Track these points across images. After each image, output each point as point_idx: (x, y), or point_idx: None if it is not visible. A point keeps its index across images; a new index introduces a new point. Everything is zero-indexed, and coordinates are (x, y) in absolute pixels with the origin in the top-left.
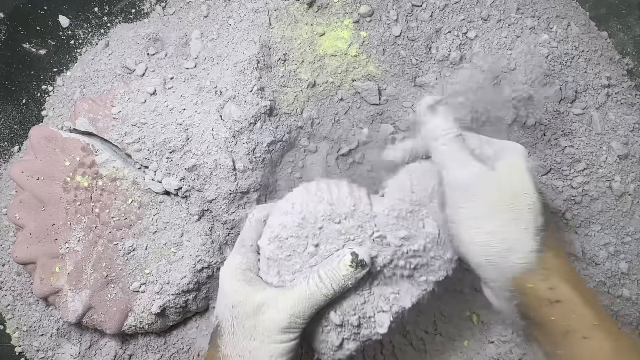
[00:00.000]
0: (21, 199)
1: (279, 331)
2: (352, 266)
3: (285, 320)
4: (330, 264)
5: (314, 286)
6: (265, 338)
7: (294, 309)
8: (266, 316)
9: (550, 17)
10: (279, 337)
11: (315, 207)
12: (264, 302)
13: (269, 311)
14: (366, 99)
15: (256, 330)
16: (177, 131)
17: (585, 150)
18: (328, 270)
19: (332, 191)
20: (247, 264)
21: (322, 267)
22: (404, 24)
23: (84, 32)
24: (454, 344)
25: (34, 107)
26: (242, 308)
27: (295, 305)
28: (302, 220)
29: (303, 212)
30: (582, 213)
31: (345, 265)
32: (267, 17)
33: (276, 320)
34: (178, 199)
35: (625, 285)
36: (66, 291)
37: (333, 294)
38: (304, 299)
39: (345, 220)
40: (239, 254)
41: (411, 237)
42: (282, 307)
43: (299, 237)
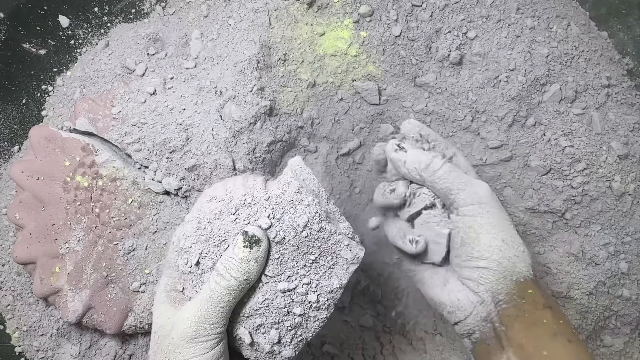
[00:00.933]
0: (21, 199)
1: (188, 343)
2: (245, 246)
3: (191, 329)
4: (225, 254)
5: (213, 283)
6: (178, 355)
7: (197, 314)
8: (174, 332)
9: (550, 17)
10: (191, 350)
11: (209, 206)
12: (175, 319)
13: (176, 325)
14: (366, 99)
15: (169, 349)
16: (177, 131)
17: (585, 150)
18: (224, 259)
19: (226, 186)
20: (172, 284)
21: (219, 261)
22: (404, 24)
23: (84, 32)
24: (454, 344)
25: (34, 107)
26: (162, 331)
27: (198, 310)
28: (199, 224)
29: (199, 216)
30: (582, 213)
31: (240, 248)
32: (267, 17)
33: (182, 332)
34: (178, 199)
35: (625, 285)
36: (66, 291)
37: (236, 284)
38: (204, 301)
39: (240, 210)
40: (165, 276)
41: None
42: (186, 317)
43: (200, 242)
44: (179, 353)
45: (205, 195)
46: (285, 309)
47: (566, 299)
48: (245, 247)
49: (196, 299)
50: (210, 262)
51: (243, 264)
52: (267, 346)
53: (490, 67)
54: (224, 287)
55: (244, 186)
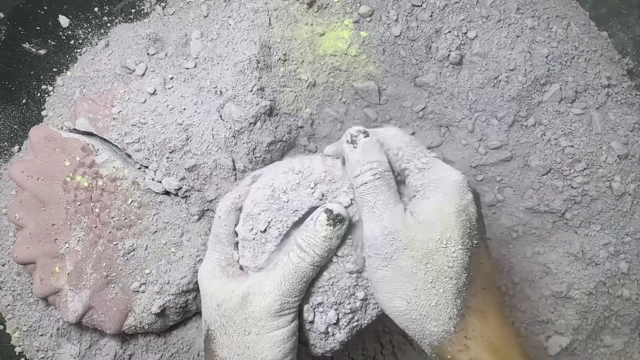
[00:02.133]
0: (21, 199)
1: (273, 316)
2: (329, 224)
3: (277, 303)
4: (306, 230)
5: (296, 258)
6: (260, 328)
7: (281, 288)
8: (254, 305)
9: (550, 17)
10: (275, 323)
11: (286, 177)
12: (249, 291)
13: (256, 299)
14: (366, 99)
15: (248, 323)
16: (177, 131)
17: (585, 150)
18: (306, 236)
19: (303, 162)
20: (226, 260)
21: (298, 235)
22: (404, 24)
23: (84, 32)
24: None
25: (34, 107)
26: (228, 304)
27: (282, 284)
28: (272, 192)
29: (273, 185)
30: (582, 213)
31: (323, 225)
32: (267, 17)
33: (266, 306)
34: (178, 199)
35: (625, 285)
36: (66, 291)
37: (320, 260)
38: (289, 275)
39: (318, 185)
40: (216, 251)
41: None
42: (269, 290)
43: (271, 210)
44: (262, 326)
45: (280, 166)
46: (348, 290)
47: (566, 299)
48: (328, 225)
49: (277, 273)
50: (276, 232)
51: (326, 242)
52: (322, 326)
53: (490, 67)
54: (308, 263)
55: (323, 164)
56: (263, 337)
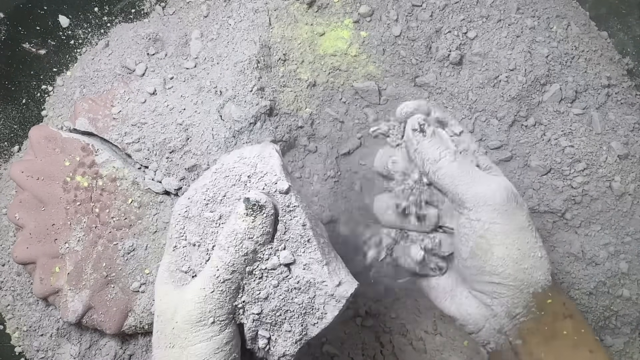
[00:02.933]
0: (21, 199)
1: (194, 327)
2: (248, 214)
3: (195, 311)
4: (226, 226)
5: (216, 258)
6: (183, 341)
7: (200, 294)
8: (179, 315)
9: (550, 17)
10: (197, 335)
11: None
12: (179, 299)
13: (180, 308)
14: (366, 99)
15: (173, 335)
16: (177, 131)
17: (585, 150)
18: (225, 232)
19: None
20: (176, 263)
21: (221, 233)
22: (404, 24)
23: (84, 32)
24: (454, 344)
25: (34, 107)
26: (164, 315)
27: (202, 290)
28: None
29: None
30: (582, 213)
31: (241, 216)
32: (267, 17)
33: (186, 316)
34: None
35: (625, 285)
36: (66, 291)
37: (242, 258)
38: (208, 279)
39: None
40: (167, 254)
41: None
42: (189, 297)
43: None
44: (184, 338)
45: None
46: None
47: None
48: (247, 214)
49: (199, 278)
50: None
51: (247, 234)
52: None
53: (490, 67)
54: (227, 263)
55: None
56: (185, 350)
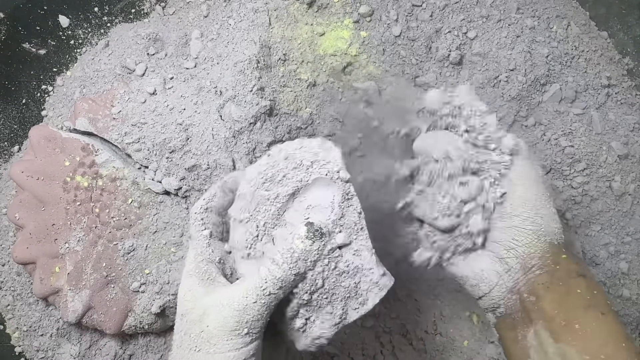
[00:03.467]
0: (21, 199)
1: (227, 335)
2: (308, 237)
3: (233, 319)
4: (284, 243)
5: (265, 270)
6: (211, 347)
7: (241, 303)
8: (210, 319)
9: (550, 17)
10: (228, 344)
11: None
12: (212, 303)
13: (213, 312)
14: (366, 99)
15: (201, 339)
16: (177, 131)
17: (585, 150)
18: (281, 248)
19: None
20: (204, 254)
21: (276, 248)
22: (404, 23)
23: (84, 32)
24: (454, 344)
25: (34, 107)
26: (190, 316)
27: (243, 298)
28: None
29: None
30: (582, 213)
31: (300, 238)
32: (267, 17)
33: (221, 321)
34: (178, 199)
35: (625, 285)
36: (66, 291)
37: (291, 277)
38: (253, 289)
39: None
40: (192, 248)
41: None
42: (227, 303)
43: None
44: (213, 344)
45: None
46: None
47: None
48: (307, 238)
49: (241, 286)
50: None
51: (302, 256)
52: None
53: (490, 67)
54: (277, 278)
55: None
56: (212, 357)
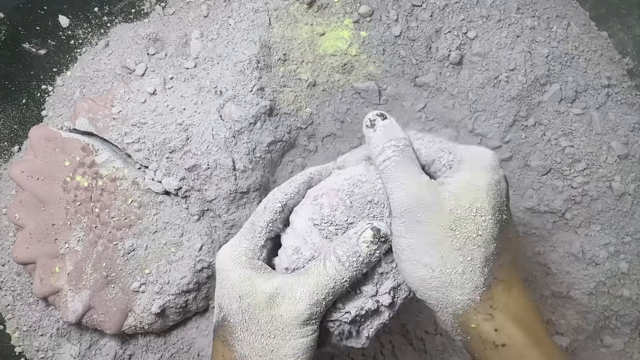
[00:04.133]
0: (21, 199)
1: (300, 324)
2: (374, 242)
3: (307, 312)
4: (348, 243)
5: (333, 269)
6: (287, 334)
7: (313, 298)
8: (283, 308)
9: (550, 17)
10: (301, 331)
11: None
12: (278, 292)
13: (285, 302)
14: (366, 99)
15: (274, 326)
16: (177, 131)
17: (585, 150)
18: (347, 249)
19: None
20: (253, 252)
21: (338, 247)
22: (404, 24)
23: (84, 32)
24: (454, 343)
25: (34, 107)
26: (252, 299)
27: (315, 293)
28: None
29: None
30: (582, 213)
31: (367, 242)
32: (267, 17)
33: (296, 312)
34: (178, 199)
35: (625, 285)
36: (66, 291)
37: (355, 276)
38: (323, 285)
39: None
40: (246, 239)
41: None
42: (301, 297)
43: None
44: (288, 332)
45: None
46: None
47: (566, 299)
48: (373, 243)
49: (310, 281)
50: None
51: (366, 258)
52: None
53: (490, 67)
54: (345, 277)
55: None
56: (287, 343)
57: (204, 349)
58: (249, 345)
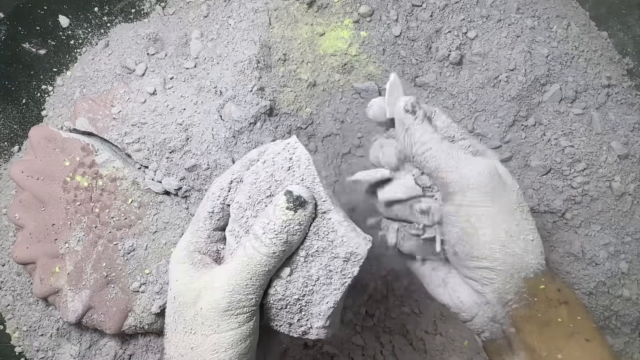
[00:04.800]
0: (21, 199)
1: (221, 315)
2: (289, 207)
3: (224, 300)
4: (264, 216)
5: (250, 248)
6: (206, 328)
7: (230, 283)
8: (204, 301)
9: (550, 17)
10: (222, 325)
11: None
12: (204, 285)
13: (206, 294)
14: (366, 99)
15: (195, 321)
16: (177, 131)
17: (585, 150)
18: (262, 223)
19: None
20: (196, 245)
21: (256, 223)
22: (404, 23)
23: (84, 32)
24: (454, 344)
25: (34, 107)
26: (183, 298)
27: (232, 278)
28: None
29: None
30: (582, 213)
31: (282, 209)
32: (267, 17)
33: (213, 303)
34: (178, 199)
35: (625, 285)
36: (66, 291)
37: (278, 251)
38: (240, 268)
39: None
40: (189, 233)
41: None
42: (219, 285)
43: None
44: (208, 326)
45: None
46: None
47: None
48: (288, 209)
49: (229, 266)
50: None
51: (285, 229)
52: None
53: (490, 67)
54: (263, 254)
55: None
56: (207, 338)
57: None
58: (174, 345)
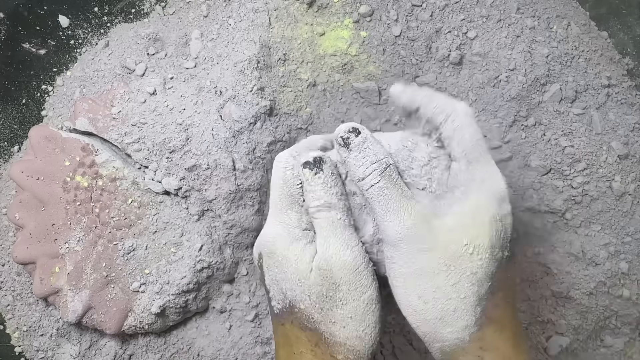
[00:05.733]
0: (21, 199)
1: (355, 274)
2: (314, 172)
3: (350, 257)
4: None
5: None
6: (353, 292)
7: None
8: (335, 272)
9: (550, 17)
10: (362, 283)
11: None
12: (318, 265)
13: (334, 264)
14: (366, 99)
15: (338, 293)
16: (177, 131)
17: (585, 150)
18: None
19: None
20: (299, 221)
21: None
22: (404, 23)
23: (84, 32)
24: None
25: (34, 107)
26: (309, 281)
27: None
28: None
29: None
30: (582, 213)
31: (310, 179)
32: (267, 17)
33: (344, 266)
34: (178, 199)
35: (625, 286)
36: (66, 291)
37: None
38: (332, 231)
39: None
40: (294, 212)
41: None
42: (335, 250)
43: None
44: (355, 289)
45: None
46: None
47: (566, 299)
48: (313, 174)
49: (328, 240)
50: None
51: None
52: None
53: (490, 67)
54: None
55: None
56: (358, 301)
57: (203, 349)
58: (331, 322)
